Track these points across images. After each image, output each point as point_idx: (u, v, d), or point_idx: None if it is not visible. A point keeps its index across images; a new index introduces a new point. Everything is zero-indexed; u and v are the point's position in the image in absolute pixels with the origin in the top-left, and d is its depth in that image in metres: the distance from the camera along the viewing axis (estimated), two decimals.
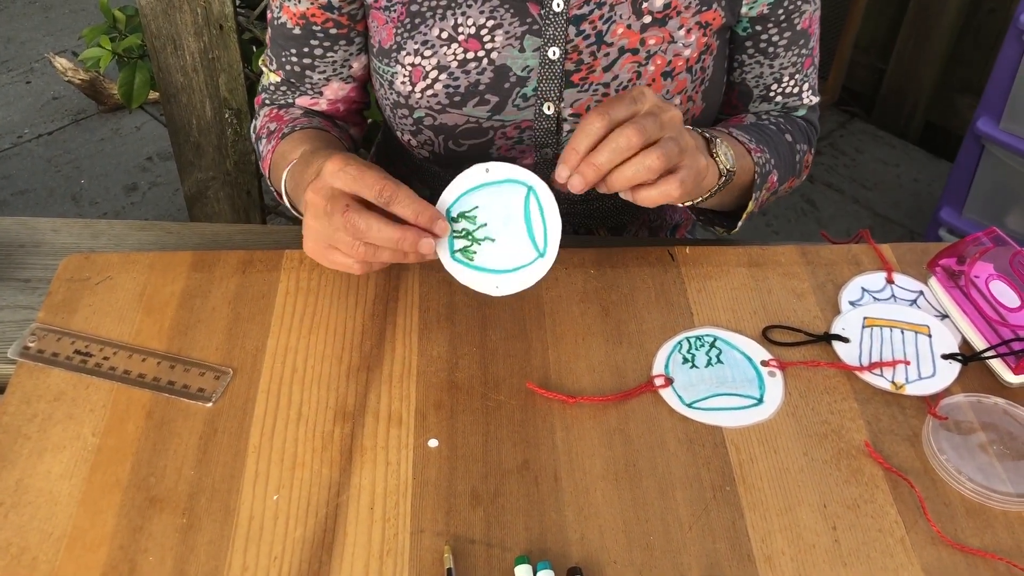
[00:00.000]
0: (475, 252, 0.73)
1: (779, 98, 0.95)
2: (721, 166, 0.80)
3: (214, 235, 0.91)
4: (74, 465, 0.67)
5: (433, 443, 0.70)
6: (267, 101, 0.97)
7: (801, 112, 0.97)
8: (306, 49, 0.91)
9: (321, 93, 0.95)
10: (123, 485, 0.66)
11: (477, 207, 0.73)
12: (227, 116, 1.58)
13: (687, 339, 0.78)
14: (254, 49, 1.66)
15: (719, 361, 0.77)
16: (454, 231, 0.73)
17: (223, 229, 0.92)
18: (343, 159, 0.71)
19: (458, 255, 0.73)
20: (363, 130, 1.03)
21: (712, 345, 0.78)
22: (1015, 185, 1.93)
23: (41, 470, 0.67)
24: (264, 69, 0.97)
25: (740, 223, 0.88)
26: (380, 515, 0.65)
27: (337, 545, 0.63)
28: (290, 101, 0.96)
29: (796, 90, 0.95)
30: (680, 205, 0.85)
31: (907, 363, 0.77)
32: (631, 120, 0.70)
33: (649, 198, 0.72)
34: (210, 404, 0.71)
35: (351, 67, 0.94)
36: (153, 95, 2.11)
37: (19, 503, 0.65)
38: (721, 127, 0.89)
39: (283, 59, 0.93)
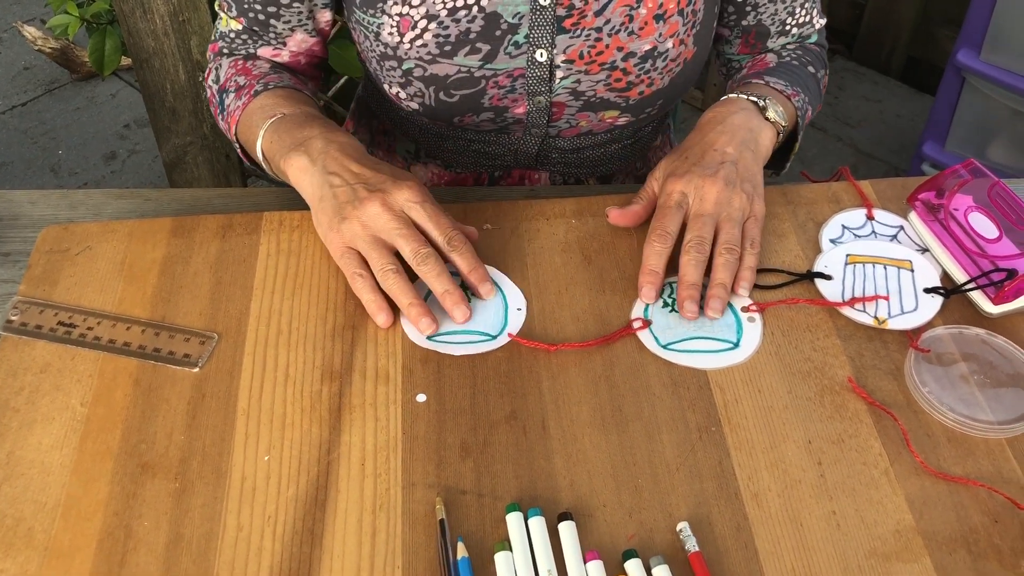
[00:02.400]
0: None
1: (795, 30, 0.98)
2: (777, 127, 0.87)
3: (193, 200, 0.91)
4: (64, 435, 0.67)
5: (421, 398, 0.70)
6: (225, 51, 0.94)
7: (814, 38, 1.00)
8: None
9: (285, 44, 0.93)
10: (114, 453, 0.67)
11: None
12: (201, 79, 1.56)
13: (668, 283, 0.79)
14: None
15: (698, 307, 0.77)
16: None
17: (202, 194, 0.92)
18: (421, 190, 0.77)
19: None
20: (318, 84, 1.02)
21: None
22: (996, 116, 1.93)
23: (32, 442, 0.67)
24: (221, 14, 0.93)
25: (788, 165, 0.95)
26: (371, 471, 0.66)
27: (330, 502, 0.64)
28: (252, 51, 0.93)
29: (808, 18, 0.98)
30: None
31: (886, 298, 0.77)
32: (692, 244, 0.77)
33: (749, 266, 0.78)
34: (197, 369, 0.72)
35: (316, 19, 0.92)
36: (126, 61, 2.08)
37: (11, 475, 0.65)
38: (755, 78, 0.92)
39: (245, 6, 0.90)
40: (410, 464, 0.66)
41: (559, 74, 0.88)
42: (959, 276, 0.79)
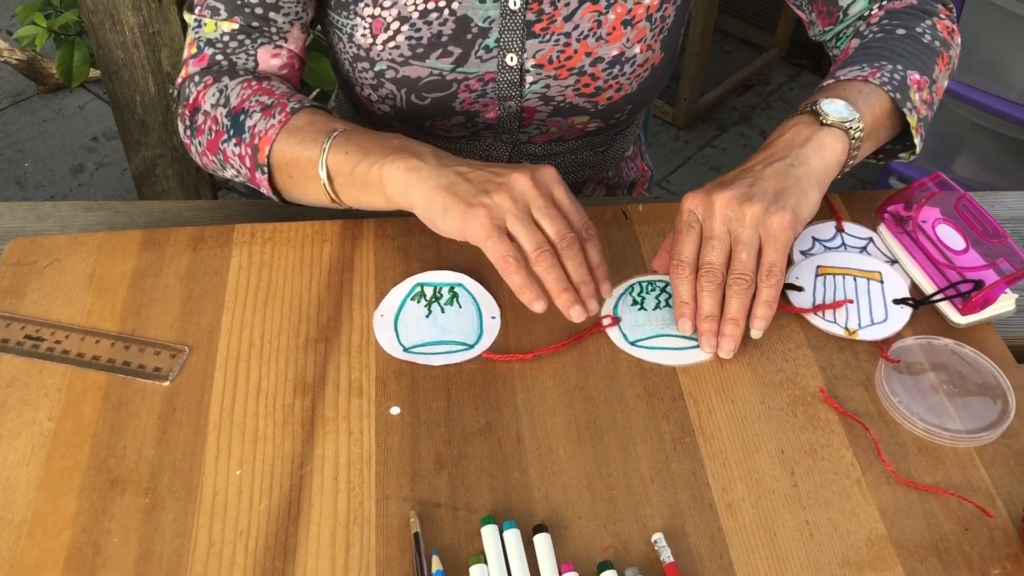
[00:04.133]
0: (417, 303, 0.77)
1: None
2: (840, 126, 0.77)
3: (163, 213, 0.90)
4: (31, 451, 0.66)
5: (395, 410, 0.70)
6: (219, 58, 0.86)
7: None
8: None
9: (285, 40, 0.87)
10: (83, 468, 0.65)
11: (456, 309, 0.77)
12: (171, 91, 1.55)
13: (639, 283, 0.80)
14: None
15: (667, 305, 0.78)
16: (424, 288, 0.79)
17: (172, 206, 0.91)
18: (559, 174, 0.75)
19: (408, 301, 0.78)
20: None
21: (663, 290, 0.80)
22: (960, 131, 1.96)
23: None
24: (204, 21, 0.86)
25: (918, 140, 0.83)
26: (345, 484, 0.65)
27: (303, 516, 0.63)
28: (250, 52, 0.86)
29: None
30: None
31: (850, 301, 0.78)
32: (702, 271, 0.74)
33: (765, 300, 0.74)
34: (167, 383, 0.71)
35: (307, 13, 0.88)
36: (94, 73, 2.06)
37: None
38: (829, 78, 0.85)
39: (238, 2, 0.84)
40: (384, 477, 0.66)
41: (529, 79, 0.89)
42: (927, 287, 0.80)
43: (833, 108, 0.78)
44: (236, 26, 0.85)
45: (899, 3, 0.91)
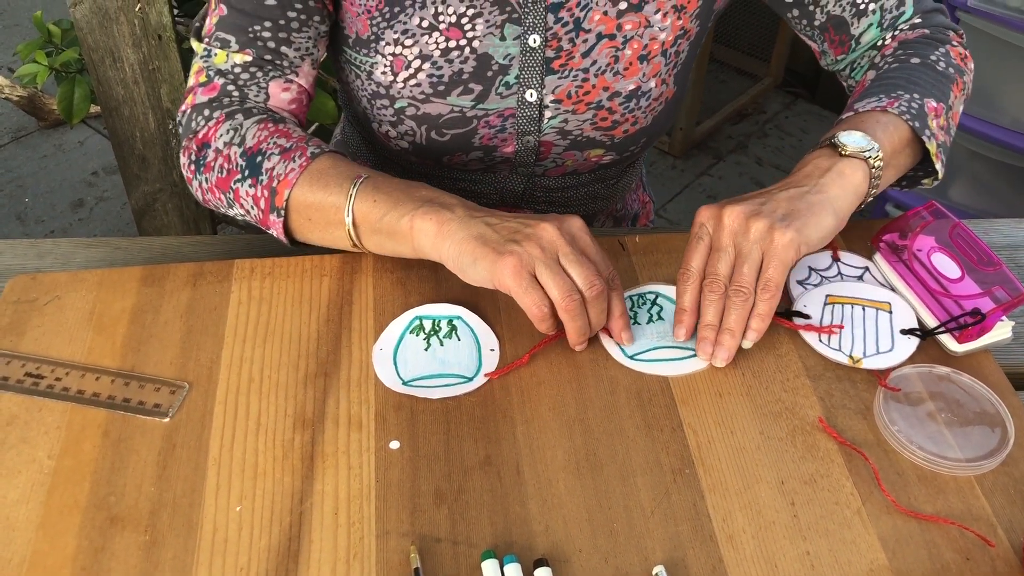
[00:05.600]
0: (418, 336, 0.78)
1: (872, 5, 0.91)
2: (859, 156, 0.79)
3: (163, 248, 0.90)
4: (31, 489, 0.66)
5: (394, 445, 0.70)
6: (231, 89, 0.85)
7: (907, 13, 0.92)
8: (282, 22, 0.84)
9: (297, 74, 0.87)
10: (82, 506, 0.65)
11: (455, 342, 0.78)
12: (171, 127, 1.57)
13: (630, 297, 0.82)
14: None
15: (660, 318, 0.80)
16: (422, 321, 0.79)
17: (172, 242, 0.91)
18: (584, 223, 0.77)
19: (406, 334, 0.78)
20: None
21: (654, 302, 0.81)
22: (956, 158, 1.97)
23: None
24: (215, 51, 0.85)
25: (939, 166, 0.85)
26: (345, 520, 0.65)
27: (303, 552, 0.63)
28: (262, 85, 0.86)
29: None
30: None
31: (840, 327, 0.79)
32: (706, 281, 0.76)
33: (759, 313, 0.75)
34: (167, 419, 0.71)
35: (318, 50, 0.88)
36: (94, 109, 2.08)
37: None
38: (847, 112, 0.86)
39: (251, 34, 0.84)
40: (384, 512, 0.65)
41: (547, 114, 0.90)
42: (924, 315, 0.80)
43: (851, 139, 0.80)
44: (248, 58, 0.85)
45: (912, 34, 0.92)
